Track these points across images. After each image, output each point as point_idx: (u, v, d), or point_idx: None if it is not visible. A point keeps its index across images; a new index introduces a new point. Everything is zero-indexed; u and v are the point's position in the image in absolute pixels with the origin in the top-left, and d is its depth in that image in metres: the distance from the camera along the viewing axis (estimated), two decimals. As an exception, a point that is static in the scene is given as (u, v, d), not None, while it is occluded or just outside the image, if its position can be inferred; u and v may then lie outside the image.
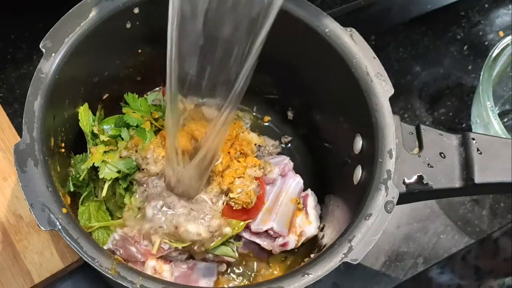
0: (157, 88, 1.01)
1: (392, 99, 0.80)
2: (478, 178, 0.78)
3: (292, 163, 0.95)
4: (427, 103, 1.18)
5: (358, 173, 0.83)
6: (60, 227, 0.69)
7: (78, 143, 0.92)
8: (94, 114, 0.91)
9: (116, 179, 0.86)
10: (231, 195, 0.86)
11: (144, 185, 0.85)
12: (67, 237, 0.68)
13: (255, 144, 0.96)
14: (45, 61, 0.77)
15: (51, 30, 0.79)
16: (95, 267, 0.67)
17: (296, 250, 0.94)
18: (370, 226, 0.73)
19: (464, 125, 1.16)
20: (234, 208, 0.85)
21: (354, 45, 0.82)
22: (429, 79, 1.19)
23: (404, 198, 0.79)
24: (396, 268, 1.03)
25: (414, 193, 0.79)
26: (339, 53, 0.82)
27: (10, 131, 1.00)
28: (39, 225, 0.68)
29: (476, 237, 1.08)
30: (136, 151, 0.86)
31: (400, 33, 1.22)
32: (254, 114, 1.06)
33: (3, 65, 1.11)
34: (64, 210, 0.70)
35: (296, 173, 0.97)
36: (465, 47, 1.23)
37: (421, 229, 1.07)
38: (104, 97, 0.96)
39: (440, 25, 1.24)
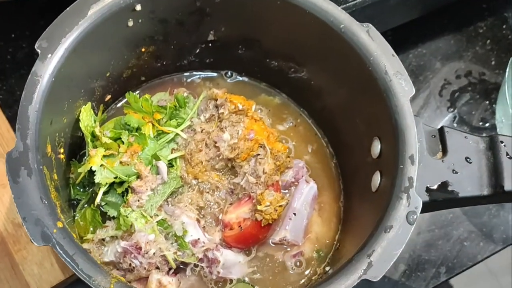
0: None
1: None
2: (509, 185, 0.73)
3: (305, 169, 0.92)
4: (448, 101, 1.14)
5: (377, 179, 0.79)
6: (54, 242, 0.65)
7: (80, 148, 0.90)
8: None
9: (112, 184, 0.83)
10: (259, 207, 0.83)
11: (139, 194, 0.82)
12: (62, 253, 0.65)
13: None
14: (40, 63, 0.74)
15: (47, 29, 0.75)
16: (92, 287, 0.63)
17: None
18: (391, 239, 0.69)
19: (487, 124, 1.12)
20: (262, 224, 0.84)
21: (372, 42, 0.78)
22: (449, 76, 1.16)
23: (426, 207, 0.74)
24: (417, 278, 1.00)
25: (438, 202, 0.75)
26: (355, 51, 0.79)
27: (9, 135, 0.98)
28: (32, 240, 0.65)
29: (502, 244, 1.03)
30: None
31: (419, 27, 1.17)
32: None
33: (3, 66, 1.08)
34: (59, 224, 0.67)
35: (311, 176, 0.93)
36: (488, 41, 1.19)
37: (443, 236, 1.03)
38: (107, 99, 0.93)
39: (461, 18, 1.21)
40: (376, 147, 0.80)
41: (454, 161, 0.75)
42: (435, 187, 0.74)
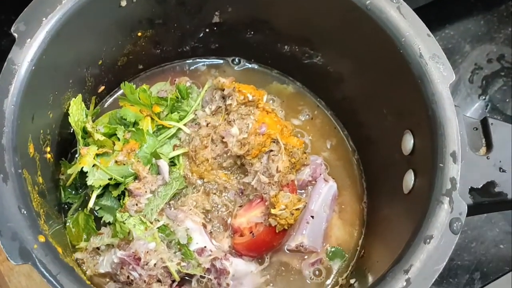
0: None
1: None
2: None
3: (324, 166, 0.87)
4: (479, 88, 1.08)
5: (410, 179, 0.72)
6: (35, 259, 0.59)
7: (71, 145, 0.85)
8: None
9: (107, 186, 0.79)
10: (272, 211, 0.79)
11: (137, 198, 0.77)
12: (44, 273, 0.59)
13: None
14: (17, 49, 0.68)
15: (25, 10, 0.69)
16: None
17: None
18: (431, 252, 0.63)
19: (524, 113, 1.07)
20: (277, 230, 0.80)
21: (403, 20, 0.72)
22: (480, 60, 1.10)
23: (469, 211, 0.67)
24: (449, 285, 0.94)
25: (483, 205, 0.68)
26: (383, 30, 0.73)
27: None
28: (9, 257, 0.59)
29: (543, 246, 0.98)
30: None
31: (445, 6, 1.11)
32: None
33: (-13, 55, 1.05)
34: (41, 238, 0.61)
35: (331, 174, 0.88)
36: (522, 21, 1.14)
37: (477, 237, 0.97)
38: (100, 90, 0.88)
39: (492, -4, 1.15)
40: (408, 142, 0.74)
41: (500, 158, 0.70)
42: (479, 188, 0.68)
